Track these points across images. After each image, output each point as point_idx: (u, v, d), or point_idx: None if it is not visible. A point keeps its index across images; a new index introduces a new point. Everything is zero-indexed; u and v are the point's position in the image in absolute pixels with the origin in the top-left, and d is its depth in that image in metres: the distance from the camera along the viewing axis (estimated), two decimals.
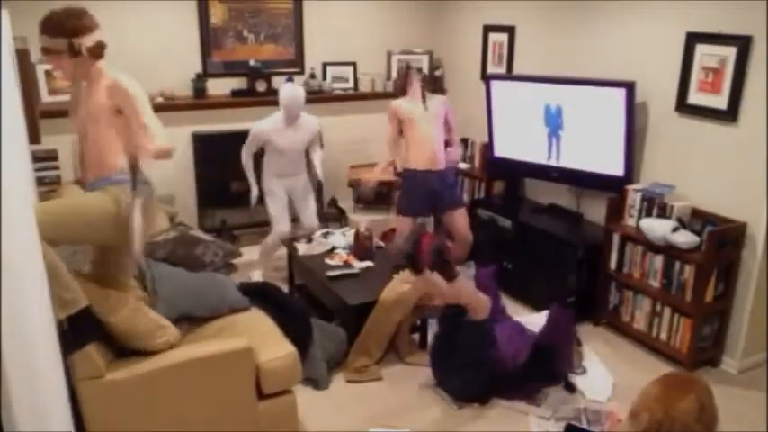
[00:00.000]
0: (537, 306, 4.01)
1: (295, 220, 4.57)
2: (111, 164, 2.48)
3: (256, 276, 4.40)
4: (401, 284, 3.43)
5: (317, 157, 4.49)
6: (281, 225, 4.35)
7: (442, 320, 3.30)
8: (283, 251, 4.35)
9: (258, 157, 4.35)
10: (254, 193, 4.37)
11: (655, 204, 3.57)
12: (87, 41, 2.41)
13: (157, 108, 4.76)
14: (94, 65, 2.47)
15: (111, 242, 2.53)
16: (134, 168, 2.40)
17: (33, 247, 1.94)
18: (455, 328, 3.15)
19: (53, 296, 2.21)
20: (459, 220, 4.33)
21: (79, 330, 2.27)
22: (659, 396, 2.53)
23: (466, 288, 3.12)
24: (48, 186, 3.96)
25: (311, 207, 4.52)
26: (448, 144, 4.42)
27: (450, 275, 3.05)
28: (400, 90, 4.25)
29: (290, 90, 4.12)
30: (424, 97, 4.18)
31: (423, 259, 2.98)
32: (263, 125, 4.19)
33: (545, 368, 3.20)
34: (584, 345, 3.60)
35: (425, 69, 5.42)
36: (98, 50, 2.46)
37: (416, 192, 4.20)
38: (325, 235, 4.22)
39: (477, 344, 3.09)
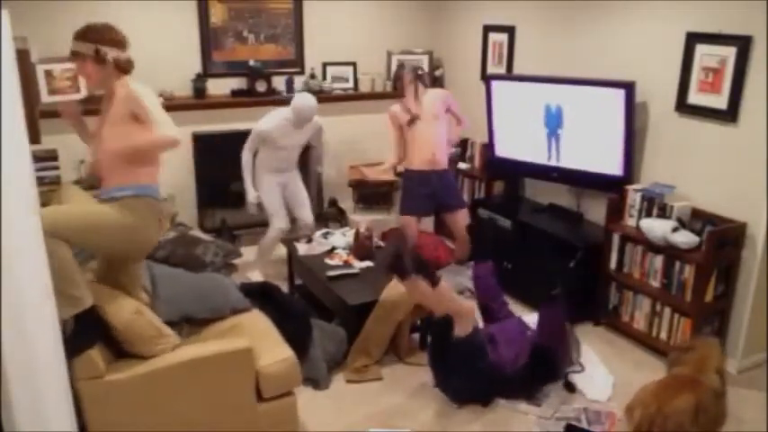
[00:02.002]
0: (537, 306, 4.01)
1: (293, 221, 4.57)
2: (129, 175, 2.51)
3: (255, 276, 4.39)
4: (401, 284, 3.43)
5: (315, 153, 4.49)
6: (280, 221, 4.33)
7: (432, 332, 3.28)
8: (283, 251, 4.35)
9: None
10: (253, 194, 4.27)
11: (655, 204, 3.57)
12: (115, 54, 2.51)
13: None
14: (120, 78, 2.54)
15: (123, 253, 2.57)
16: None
17: (33, 248, 1.94)
18: (445, 342, 3.13)
19: (62, 293, 2.22)
20: (461, 220, 4.35)
21: (86, 330, 2.28)
22: (655, 392, 2.52)
23: (449, 294, 3.08)
24: (48, 186, 3.96)
25: (306, 203, 4.49)
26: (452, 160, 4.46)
27: (431, 280, 2.97)
28: (399, 93, 4.27)
29: (306, 101, 4.06)
30: (416, 95, 4.19)
31: (407, 265, 2.95)
32: (267, 125, 4.13)
33: (545, 367, 3.20)
34: (582, 343, 3.60)
35: (426, 69, 5.42)
36: (125, 65, 2.55)
37: (417, 192, 4.23)
38: (325, 235, 4.22)
39: (468, 357, 3.06)
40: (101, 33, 2.50)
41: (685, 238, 3.34)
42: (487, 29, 5.02)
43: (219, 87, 4.97)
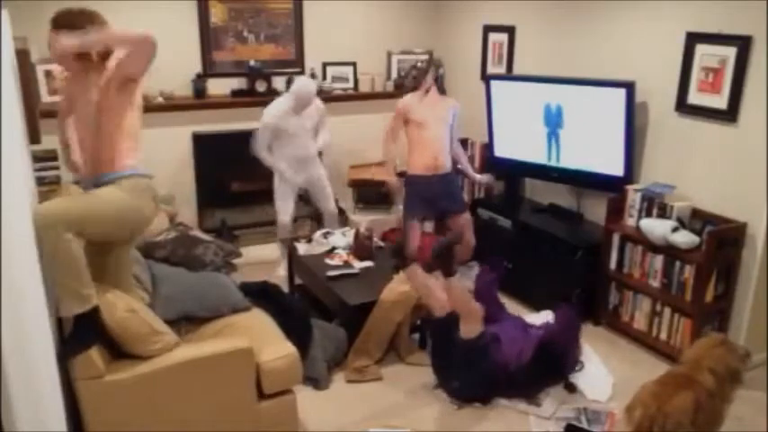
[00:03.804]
0: (537, 306, 4.01)
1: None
2: (122, 159, 2.49)
3: (281, 271, 4.47)
4: (401, 284, 3.43)
5: (321, 138, 4.54)
6: (282, 214, 4.46)
7: (434, 336, 3.30)
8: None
9: None
10: (281, 168, 4.36)
11: (655, 204, 3.57)
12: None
13: (157, 108, 4.81)
14: (103, 64, 2.47)
15: (126, 236, 2.55)
16: None
17: (32, 249, 1.95)
18: (448, 342, 3.15)
19: (70, 291, 2.21)
20: (464, 224, 4.33)
21: (86, 331, 2.27)
22: (654, 391, 2.52)
23: (460, 289, 3.12)
24: (48, 186, 3.96)
25: (327, 194, 4.59)
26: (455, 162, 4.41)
27: (448, 271, 3.07)
28: (414, 85, 4.23)
29: (302, 85, 4.20)
30: (441, 94, 4.19)
31: (410, 253, 3.00)
32: (271, 114, 4.23)
33: (549, 367, 3.20)
34: (582, 343, 3.60)
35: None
36: (107, 54, 2.48)
37: (421, 196, 4.18)
38: (325, 235, 4.21)
39: (473, 359, 3.08)
40: (77, 21, 2.43)
41: (685, 238, 3.34)
42: (487, 29, 5.02)
43: (219, 87, 4.97)
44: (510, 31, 4.79)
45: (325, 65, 5.32)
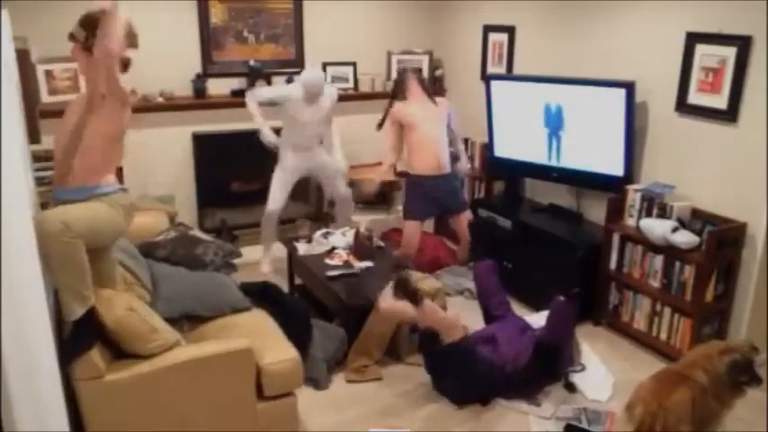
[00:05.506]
0: (537, 306, 4.01)
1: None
2: (102, 173, 2.49)
3: (265, 268, 4.45)
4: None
5: (331, 136, 4.57)
6: (272, 203, 4.42)
7: (421, 347, 3.32)
8: (284, 251, 4.35)
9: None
10: (267, 131, 4.32)
11: (655, 204, 3.57)
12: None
13: (157, 108, 4.80)
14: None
15: (106, 244, 2.56)
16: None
17: (32, 250, 1.94)
18: (434, 351, 3.16)
19: (75, 292, 2.23)
20: (463, 223, 4.35)
21: (85, 332, 2.28)
22: (653, 389, 2.54)
23: (432, 312, 3.12)
24: (48, 186, 3.95)
25: (335, 175, 4.60)
26: (454, 157, 4.41)
27: (414, 301, 3.07)
28: (399, 95, 4.25)
29: (311, 73, 4.28)
30: (431, 96, 4.21)
31: (408, 255, 2.95)
32: (284, 91, 4.30)
33: (547, 368, 3.20)
34: (582, 343, 3.60)
35: (425, 69, 5.42)
36: (123, 62, 2.53)
37: (421, 196, 4.20)
38: (325, 235, 4.21)
39: (459, 362, 3.08)
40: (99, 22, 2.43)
41: (685, 238, 3.34)
42: (487, 29, 5.02)
43: (219, 87, 4.96)
44: (510, 31, 4.79)
45: (325, 65, 5.31)
